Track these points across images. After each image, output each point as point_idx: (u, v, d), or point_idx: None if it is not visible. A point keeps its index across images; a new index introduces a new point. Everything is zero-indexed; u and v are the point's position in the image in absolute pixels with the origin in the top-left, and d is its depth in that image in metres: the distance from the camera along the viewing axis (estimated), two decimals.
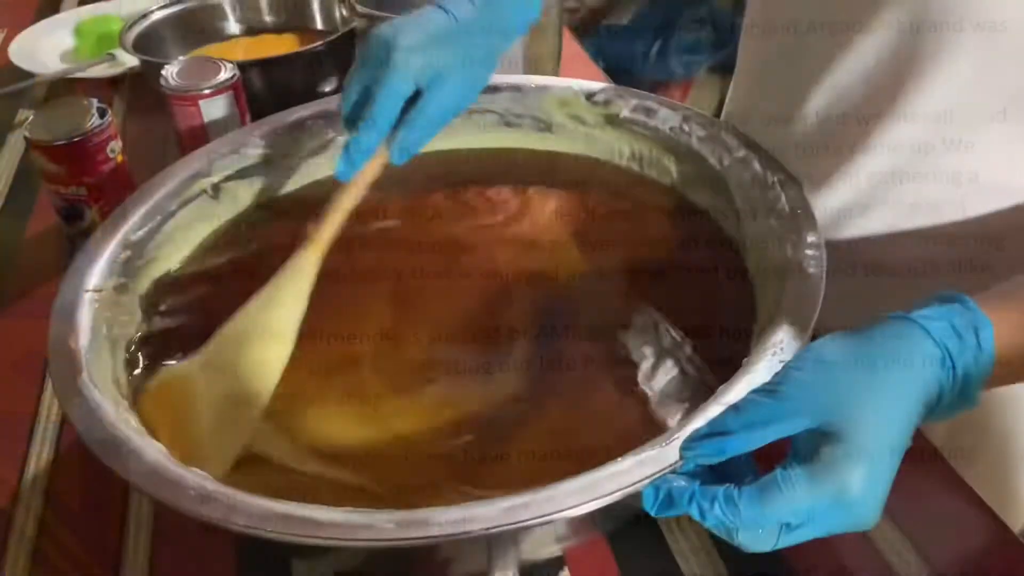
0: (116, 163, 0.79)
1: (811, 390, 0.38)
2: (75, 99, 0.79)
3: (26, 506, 0.58)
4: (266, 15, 1.09)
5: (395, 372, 0.56)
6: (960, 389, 0.40)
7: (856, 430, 0.37)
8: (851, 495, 0.36)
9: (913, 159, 0.57)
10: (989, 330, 0.40)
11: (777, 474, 0.37)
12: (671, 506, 0.39)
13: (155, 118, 0.97)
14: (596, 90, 0.70)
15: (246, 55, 1.02)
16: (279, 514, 0.40)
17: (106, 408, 0.47)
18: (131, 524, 0.56)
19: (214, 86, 0.81)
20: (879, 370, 0.38)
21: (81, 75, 1.06)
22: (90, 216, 0.79)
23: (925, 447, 0.58)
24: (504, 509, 0.40)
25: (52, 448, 0.62)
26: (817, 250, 0.53)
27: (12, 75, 1.07)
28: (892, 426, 0.37)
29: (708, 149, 0.64)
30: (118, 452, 0.44)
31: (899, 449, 0.38)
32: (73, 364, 0.50)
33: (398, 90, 0.55)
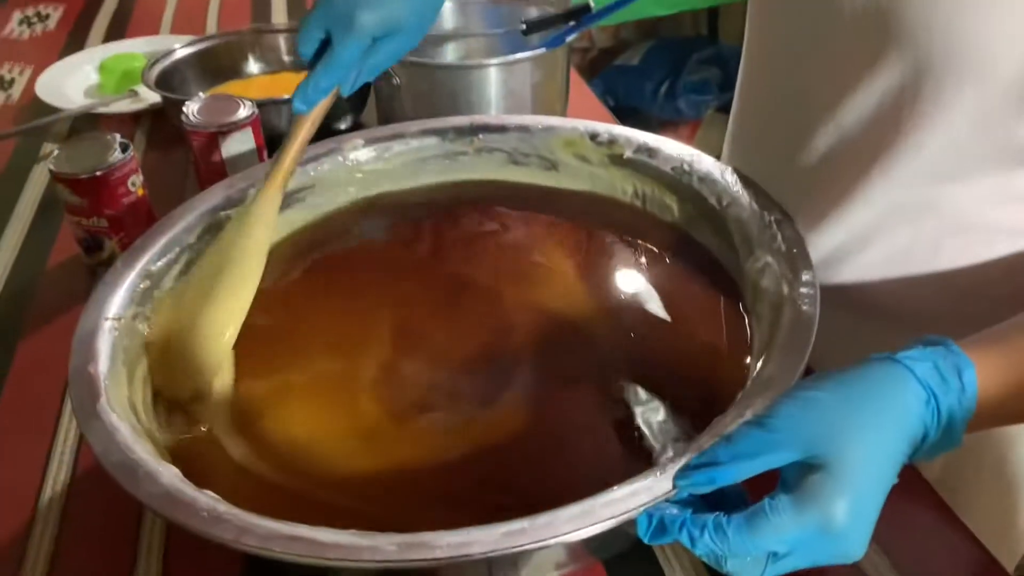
0: (137, 196, 0.81)
1: (799, 423, 0.39)
2: (99, 134, 0.82)
3: (43, 524, 0.60)
4: (284, 55, 1.13)
5: (393, 399, 0.58)
6: (944, 429, 0.41)
7: (841, 462, 0.38)
8: (836, 525, 0.37)
9: (909, 203, 0.59)
10: (972, 372, 0.41)
11: (765, 504, 0.38)
12: (663, 533, 0.40)
13: (175, 153, 1.01)
14: (600, 131, 0.73)
15: (264, 93, 1.06)
16: (287, 535, 0.42)
17: (123, 432, 0.49)
18: (143, 545, 0.58)
19: (233, 123, 0.84)
20: (865, 406, 0.40)
21: (105, 110, 1.09)
22: (110, 247, 0.81)
23: (918, 481, 0.60)
24: (503, 534, 0.41)
25: (69, 470, 0.64)
26: (811, 288, 0.54)
27: (38, 110, 1.11)
28: (877, 460, 0.39)
29: (708, 189, 0.66)
30: (134, 474, 0.46)
31: (884, 483, 0.39)
32: (93, 389, 0.52)
33: (360, 44, 0.59)
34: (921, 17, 0.51)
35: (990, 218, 0.58)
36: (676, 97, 2.26)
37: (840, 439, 0.39)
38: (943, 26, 0.50)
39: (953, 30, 0.50)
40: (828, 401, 0.40)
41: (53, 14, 1.45)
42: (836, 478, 0.38)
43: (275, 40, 1.12)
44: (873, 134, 0.57)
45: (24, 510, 0.61)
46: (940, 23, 0.50)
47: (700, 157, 0.68)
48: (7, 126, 1.08)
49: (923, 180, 0.57)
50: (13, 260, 0.86)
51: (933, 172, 0.56)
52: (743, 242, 0.62)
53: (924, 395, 0.40)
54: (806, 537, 0.38)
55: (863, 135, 0.57)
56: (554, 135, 0.74)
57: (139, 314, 0.60)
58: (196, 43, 1.09)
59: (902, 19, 0.52)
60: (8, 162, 1.03)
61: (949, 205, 0.58)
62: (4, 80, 1.23)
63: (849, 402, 0.40)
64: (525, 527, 0.41)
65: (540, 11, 0.96)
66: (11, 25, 1.42)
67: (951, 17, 0.50)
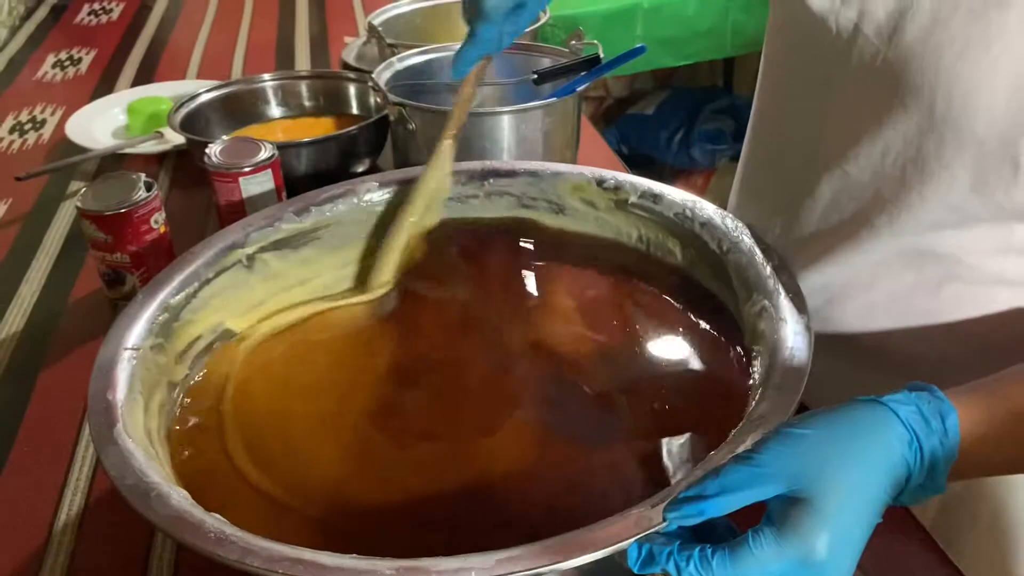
0: (159, 233, 0.84)
1: (784, 459, 0.41)
2: (125, 173, 0.86)
3: (57, 547, 0.62)
4: (306, 100, 1.17)
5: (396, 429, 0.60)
6: (928, 471, 0.42)
7: (824, 497, 0.39)
8: (816, 558, 0.38)
9: (912, 250, 0.60)
10: (954, 417, 0.43)
11: (749, 536, 0.40)
12: (652, 562, 0.41)
13: (198, 192, 1.04)
14: (607, 177, 0.75)
15: (285, 136, 1.10)
16: (290, 558, 0.43)
17: (138, 456, 0.50)
18: (152, 572, 0.60)
19: (253, 164, 0.87)
20: (849, 444, 0.41)
21: (131, 151, 1.14)
22: (131, 282, 0.84)
23: (913, 525, 0.60)
24: (498, 560, 0.42)
25: (84, 496, 0.66)
26: (805, 333, 0.56)
27: (68, 150, 1.15)
28: (859, 496, 0.40)
29: (709, 235, 0.68)
30: (147, 497, 0.47)
31: (867, 520, 0.40)
32: (110, 415, 0.54)
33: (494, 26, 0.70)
34: (925, 76, 0.53)
35: (991, 269, 0.59)
36: (690, 146, 2.29)
37: (823, 475, 0.40)
38: (945, 86, 0.52)
39: (954, 89, 0.52)
40: (813, 438, 0.41)
41: (85, 58, 1.51)
42: (818, 512, 0.39)
43: (297, 86, 1.16)
44: (878, 185, 0.59)
45: (40, 533, 0.63)
46: (942, 82, 0.52)
47: (701, 204, 0.70)
48: (38, 164, 1.11)
49: (925, 229, 0.59)
50: (39, 292, 0.89)
51: (935, 223, 0.58)
52: (741, 286, 0.64)
53: (907, 436, 0.41)
54: (787, 569, 0.39)
55: (869, 186, 0.59)
56: (562, 180, 0.76)
57: (157, 345, 0.62)
58: (220, 87, 1.13)
59: (907, 76, 0.54)
60: (38, 199, 1.07)
61: (950, 255, 0.59)
62: (36, 120, 1.28)
63: (833, 440, 0.41)
64: (520, 554, 0.43)
65: (552, 61, 0.99)
66: (45, 68, 1.48)
67: (951, 77, 0.52)
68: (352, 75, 1.17)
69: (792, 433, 0.42)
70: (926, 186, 0.56)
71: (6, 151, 1.20)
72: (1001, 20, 0.50)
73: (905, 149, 0.56)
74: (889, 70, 0.55)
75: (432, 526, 0.53)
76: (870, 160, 0.58)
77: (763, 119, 0.73)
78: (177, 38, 1.60)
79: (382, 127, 1.03)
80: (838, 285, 0.64)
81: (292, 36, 1.56)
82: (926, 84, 0.53)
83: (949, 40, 0.52)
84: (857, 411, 0.43)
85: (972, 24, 0.51)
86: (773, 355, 0.56)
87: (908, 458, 0.41)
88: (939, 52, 0.52)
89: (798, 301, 0.59)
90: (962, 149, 0.53)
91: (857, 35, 0.57)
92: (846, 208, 0.62)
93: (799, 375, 0.53)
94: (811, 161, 0.64)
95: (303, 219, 0.75)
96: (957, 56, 0.51)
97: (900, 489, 0.42)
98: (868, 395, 0.45)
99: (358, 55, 1.38)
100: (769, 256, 0.64)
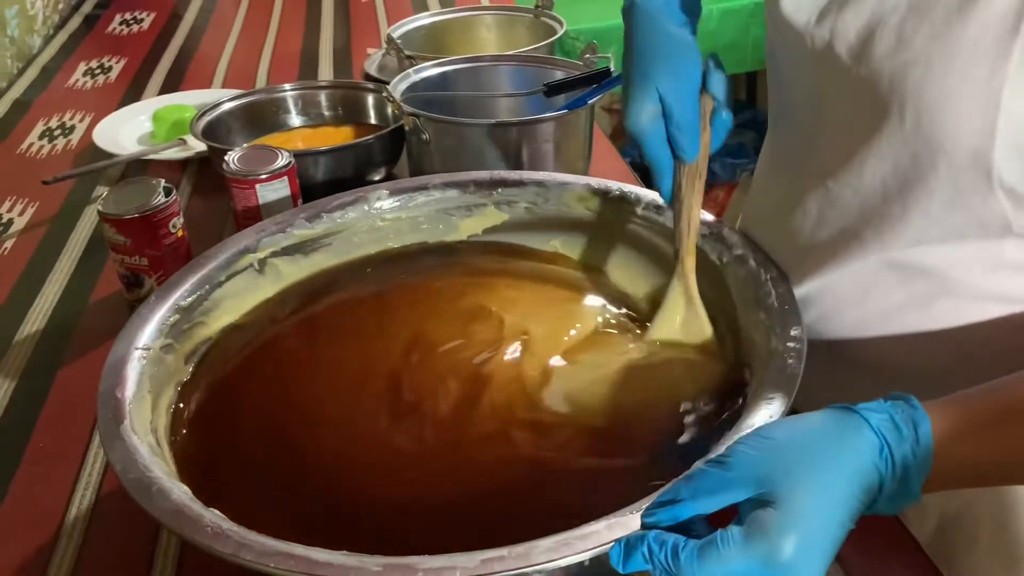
0: (177, 237, 0.87)
1: (753, 463, 0.42)
2: (145, 178, 0.88)
3: (67, 541, 0.64)
4: (325, 109, 1.19)
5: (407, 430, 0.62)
6: (900, 479, 0.43)
7: (790, 500, 0.40)
8: (781, 559, 0.39)
9: (901, 265, 0.61)
10: (927, 425, 0.43)
11: (718, 535, 0.40)
12: (630, 551, 0.42)
13: (218, 198, 1.06)
14: (612, 188, 0.76)
15: (305, 145, 1.12)
16: (282, 552, 0.45)
17: (142, 452, 0.52)
18: (157, 566, 0.61)
19: (270, 171, 0.90)
20: (816, 449, 0.42)
21: (155, 157, 1.16)
22: (149, 284, 0.86)
23: (909, 543, 0.60)
24: (483, 560, 0.44)
25: (94, 492, 0.68)
26: (798, 343, 0.57)
27: (94, 155, 1.18)
28: (826, 500, 0.41)
29: (709, 246, 0.69)
30: (148, 491, 0.49)
31: (835, 525, 0.41)
32: (118, 412, 0.56)
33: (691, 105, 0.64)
34: (894, 93, 0.54)
35: (981, 284, 0.60)
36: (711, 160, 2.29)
37: (790, 478, 0.41)
38: (913, 103, 0.53)
39: (923, 105, 0.53)
40: (782, 443, 0.42)
41: (115, 66, 1.55)
42: (784, 514, 0.40)
43: (316, 95, 1.19)
44: (861, 200, 0.59)
45: (50, 527, 0.65)
46: (911, 100, 0.53)
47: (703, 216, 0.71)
48: (65, 169, 1.15)
49: (912, 244, 0.59)
50: (61, 292, 0.92)
51: (920, 238, 0.58)
52: (739, 297, 0.64)
53: (878, 443, 0.42)
54: (752, 569, 0.39)
55: (852, 200, 0.60)
56: (568, 191, 0.78)
57: (167, 345, 0.64)
58: (242, 96, 1.15)
59: (878, 94, 0.55)
60: (63, 202, 1.10)
61: (939, 271, 0.60)
62: (65, 127, 1.31)
63: (802, 444, 0.42)
64: (504, 555, 0.44)
65: (565, 74, 1.01)
66: (76, 75, 1.52)
67: (919, 94, 0.53)
68: (371, 86, 1.19)
69: (760, 437, 0.43)
70: (906, 199, 0.56)
71: (36, 155, 1.23)
72: (963, 38, 0.51)
73: (882, 164, 0.56)
74: (861, 88, 0.56)
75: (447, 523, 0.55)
76: (850, 175, 0.59)
77: (770, 133, 0.74)
78: (205, 47, 1.64)
79: (398, 137, 1.05)
80: (829, 301, 0.65)
81: (317, 47, 1.59)
82: (895, 102, 0.54)
83: (914, 58, 0.53)
84: (827, 418, 0.44)
85: (934, 42, 0.52)
86: (766, 365, 0.57)
87: (879, 465, 0.42)
88: (906, 70, 0.53)
89: (793, 312, 0.60)
90: (936, 163, 0.53)
91: (830, 53, 0.58)
92: (833, 223, 0.62)
93: (789, 385, 0.53)
94: (800, 175, 0.65)
95: (314, 225, 0.76)
96: (923, 73, 0.52)
97: (873, 496, 0.42)
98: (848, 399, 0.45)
99: (379, 66, 1.40)
100: (767, 267, 0.64)
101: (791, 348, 0.56)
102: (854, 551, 0.58)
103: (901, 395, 0.45)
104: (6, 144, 1.27)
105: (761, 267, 0.64)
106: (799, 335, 0.57)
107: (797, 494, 0.40)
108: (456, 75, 1.06)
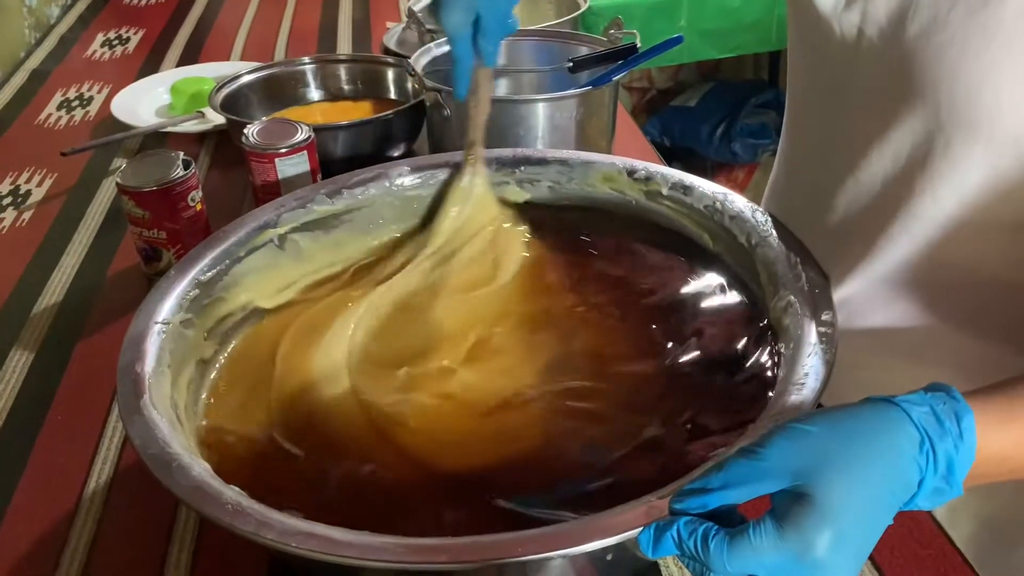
0: (195, 211, 0.86)
1: (788, 454, 0.40)
2: (164, 151, 0.87)
3: (85, 512, 0.64)
4: (344, 84, 1.18)
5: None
6: (943, 475, 0.41)
7: (826, 494, 0.39)
8: (815, 555, 0.38)
9: (931, 257, 0.59)
10: (971, 418, 0.42)
11: (750, 525, 0.39)
12: (660, 536, 0.41)
13: (236, 172, 1.06)
14: (638, 167, 0.75)
15: (324, 119, 1.11)
16: (303, 532, 0.44)
17: (162, 427, 0.52)
18: (176, 538, 0.61)
19: (289, 146, 0.89)
20: (854, 443, 0.40)
21: (173, 129, 1.16)
22: (167, 258, 0.86)
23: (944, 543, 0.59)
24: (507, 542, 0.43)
25: (113, 465, 0.68)
26: (830, 328, 0.55)
27: (112, 127, 1.17)
28: (863, 496, 0.39)
29: (738, 227, 0.67)
30: (168, 467, 0.49)
31: (872, 522, 0.40)
32: (137, 387, 0.55)
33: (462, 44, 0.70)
34: (928, 75, 0.52)
35: (1013, 277, 0.58)
36: (732, 140, 2.27)
37: (826, 472, 0.39)
38: (948, 84, 0.51)
39: (958, 87, 0.51)
40: (818, 435, 0.41)
41: (133, 38, 1.54)
42: (819, 509, 0.38)
43: (336, 69, 1.17)
44: (890, 189, 0.58)
45: (70, 498, 0.65)
46: (945, 81, 0.52)
47: (732, 197, 0.70)
48: (83, 141, 1.14)
49: (943, 235, 0.57)
50: (79, 265, 0.92)
51: (952, 228, 0.57)
52: (769, 280, 0.63)
53: (918, 437, 0.41)
54: (783, 564, 0.38)
55: (881, 190, 0.59)
56: (592, 170, 0.76)
57: (187, 320, 0.63)
58: (261, 69, 1.14)
59: (911, 76, 0.54)
60: (81, 174, 1.09)
61: (969, 263, 0.58)
62: (84, 98, 1.31)
63: (839, 438, 0.41)
64: (530, 538, 0.43)
65: (590, 50, 0.99)
66: (94, 46, 1.51)
67: (954, 75, 0.51)
68: (391, 60, 1.18)
69: (797, 428, 0.41)
70: (937, 188, 0.55)
71: (54, 127, 1.23)
72: (999, 15, 0.49)
73: (914, 151, 0.55)
74: (893, 71, 0.54)
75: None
76: (881, 165, 0.58)
77: (789, 119, 0.73)
78: (223, 20, 1.62)
79: (419, 112, 1.04)
80: (864, 293, 0.63)
81: (335, 20, 1.57)
82: (929, 84, 0.52)
83: (949, 38, 0.51)
84: (866, 411, 0.42)
85: (970, 21, 0.50)
86: (797, 350, 0.56)
87: (919, 460, 0.41)
88: (940, 51, 0.51)
89: (824, 296, 0.58)
90: (971, 148, 0.52)
91: (861, 38, 0.57)
92: (861, 214, 0.61)
93: (821, 372, 0.52)
94: (825, 166, 0.63)
95: (335, 201, 0.75)
96: (959, 54, 0.51)
97: (912, 492, 0.41)
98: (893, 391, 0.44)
99: (399, 40, 1.38)
100: (797, 251, 0.63)
101: (823, 333, 0.55)
102: (887, 550, 0.58)
103: (942, 386, 0.43)
104: (24, 115, 1.27)
105: (791, 250, 0.63)
106: (830, 319, 0.56)
107: (833, 488, 0.39)
108: None
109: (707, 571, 0.40)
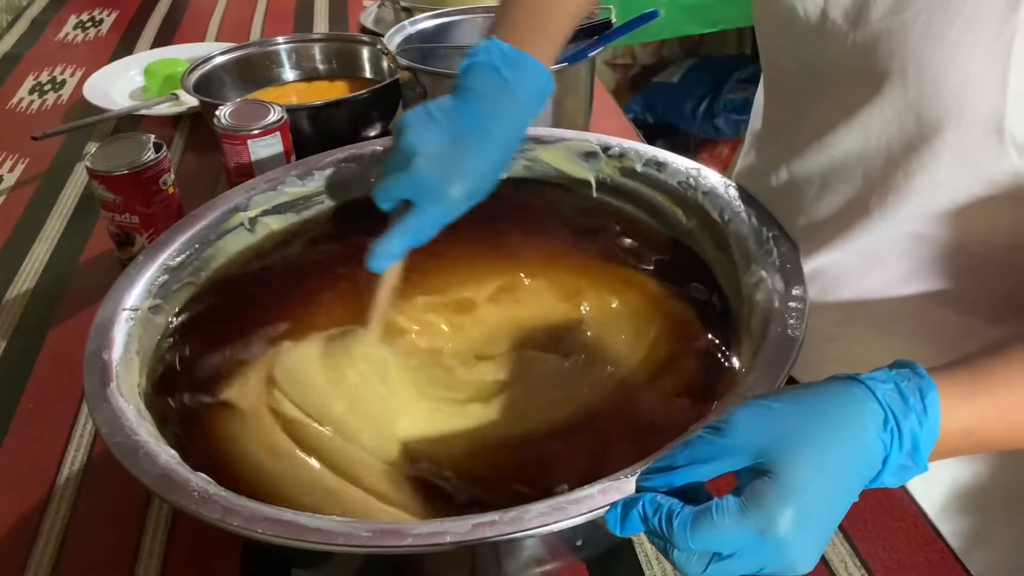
0: (168, 194, 0.85)
1: (752, 431, 0.40)
2: (135, 134, 0.86)
3: (58, 501, 0.63)
4: (320, 63, 1.16)
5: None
6: (908, 452, 0.41)
7: (789, 471, 0.39)
8: (777, 531, 0.38)
9: (908, 233, 0.59)
10: (935, 394, 0.41)
11: (713, 503, 0.39)
12: (627, 513, 0.41)
13: (211, 155, 1.05)
14: (612, 144, 0.74)
15: (299, 99, 1.10)
16: (271, 518, 0.44)
17: (129, 415, 0.51)
18: (149, 527, 0.61)
19: (262, 127, 0.87)
20: (818, 419, 0.40)
21: (147, 112, 1.14)
22: (140, 242, 0.85)
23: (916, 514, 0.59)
24: (474, 525, 0.43)
25: (86, 453, 0.67)
26: (801, 303, 0.55)
27: (85, 110, 1.16)
28: (826, 473, 0.39)
29: (711, 203, 0.67)
30: (135, 455, 0.48)
31: (836, 499, 0.40)
32: (104, 374, 0.54)
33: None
34: (894, 57, 0.52)
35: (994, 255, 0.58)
36: (715, 116, 2.26)
37: (789, 448, 0.39)
38: (915, 65, 0.51)
39: (926, 68, 0.51)
40: (782, 412, 0.41)
41: (107, 19, 1.51)
42: (782, 486, 0.38)
43: (311, 48, 1.16)
44: (864, 167, 0.58)
45: (42, 487, 0.64)
46: (912, 62, 0.51)
47: (706, 172, 0.69)
48: (56, 124, 1.12)
49: (919, 211, 0.57)
50: (52, 251, 0.91)
51: (928, 204, 0.56)
52: (741, 256, 0.63)
53: (882, 415, 0.41)
54: (747, 540, 0.38)
55: (856, 168, 0.58)
56: (566, 147, 0.75)
57: (156, 306, 0.62)
58: (234, 50, 1.13)
59: (877, 58, 0.53)
60: (54, 158, 1.08)
61: (948, 239, 0.58)
62: (56, 81, 1.29)
63: (803, 414, 0.41)
64: (495, 519, 0.43)
65: None
66: (67, 28, 1.49)
67: (919, 56, 0.51)
68: (366, 39, 1.16)
69: (762, 405, 0.41)
70: (911, 163, 0.54)
71: (26, 111, 1.21)
72: None
73: (885, 129, 0.55)
74: (859, 53, 0.54)
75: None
76: (854, 142, 0.57)
77: (764, 95, 0.72)
78: (198, 0, 1.60)
79: (394, 91, 1.03)
80: (837, 267, 0.63)
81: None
82: (895, 65, 0.52)
83: (913, 18, 0.51)
84: (831, 388, 0.42)
85: (933, 1, 0.50)
86: (766, 326, 0.55)
87: (883, 438, 0.40)
88: (905, 32, 0.51)
89: (795, 271, 0.58)
90: (940, 126, 0.52)
91: (825, 20, 0.56)
92: (838, 192, 0.60)
93: (790, 347, 0.52)
94: (800, 141, 0.63)
95: (306, 183, 0.75)
96: (922, 34, 0.50)
97: (877, 470, 0.41)
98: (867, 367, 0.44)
99: (376, 19, 1.37)
100: (769, 225, 0.63)
101: (793, 308, 0.55)
102: (860, 522, 0.58)
103: (907, 363, 0.43)
104: None
105: (763, 225, 0.63)
106: (801, 294, 0.56)
107: (797, 465, 0.39)
108: (453, 27, 1.03)
109: (671, 548, 0.39)
